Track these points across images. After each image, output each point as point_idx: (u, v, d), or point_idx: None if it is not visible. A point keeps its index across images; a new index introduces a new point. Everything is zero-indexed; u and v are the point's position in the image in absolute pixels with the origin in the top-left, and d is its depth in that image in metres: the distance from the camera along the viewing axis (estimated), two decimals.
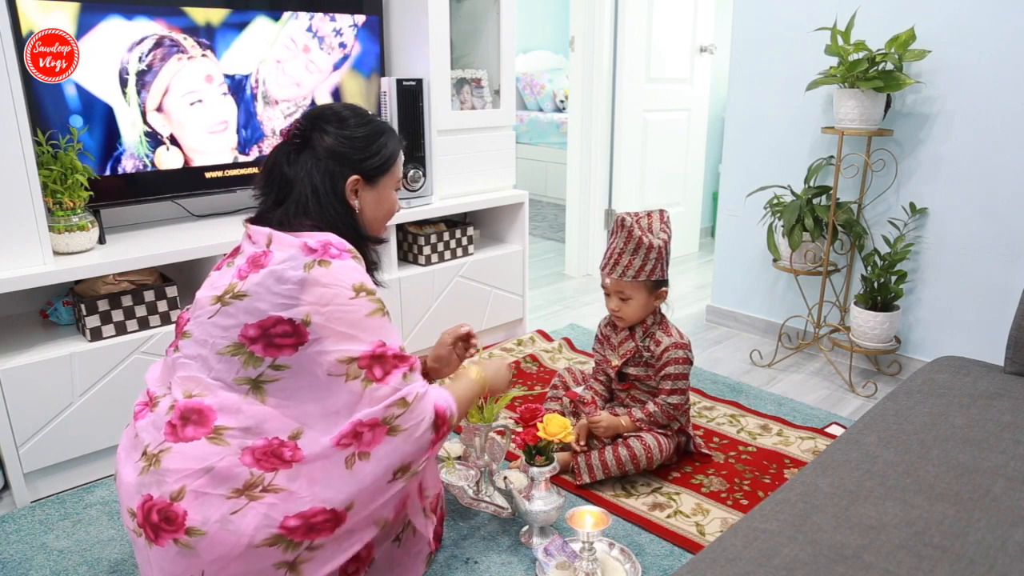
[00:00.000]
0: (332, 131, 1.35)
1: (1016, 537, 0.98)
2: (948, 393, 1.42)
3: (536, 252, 4.16)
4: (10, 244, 1.67)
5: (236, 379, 1.23)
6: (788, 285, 2.73)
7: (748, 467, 1.88)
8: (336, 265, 1.25)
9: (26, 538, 1.61)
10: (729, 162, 2.84)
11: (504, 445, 1.70)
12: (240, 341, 1.23)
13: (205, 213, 2.30)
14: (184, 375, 1.26)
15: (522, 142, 5.59)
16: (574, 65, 3.47)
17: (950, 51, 2.20)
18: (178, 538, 1.15)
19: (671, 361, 1.81)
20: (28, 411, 1.69)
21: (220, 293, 1.26)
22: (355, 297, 1.25)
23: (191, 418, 1.21)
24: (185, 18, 1.99)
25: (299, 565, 1.20)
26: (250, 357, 1.22)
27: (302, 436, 1.21)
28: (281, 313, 1.21)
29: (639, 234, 1.76)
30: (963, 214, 2.27)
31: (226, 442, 1.19)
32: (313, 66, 2.28)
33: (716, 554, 0.98)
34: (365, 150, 1.37)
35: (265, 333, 1.22)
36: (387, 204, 1.45)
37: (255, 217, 1.37)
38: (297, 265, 1.23)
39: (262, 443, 1.19)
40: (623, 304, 1.82)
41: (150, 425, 1.25)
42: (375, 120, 1.41)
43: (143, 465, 1.20)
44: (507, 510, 1.68)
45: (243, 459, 1.18)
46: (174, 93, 2.02)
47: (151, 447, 1.21)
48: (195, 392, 1.23)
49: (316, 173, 1.33)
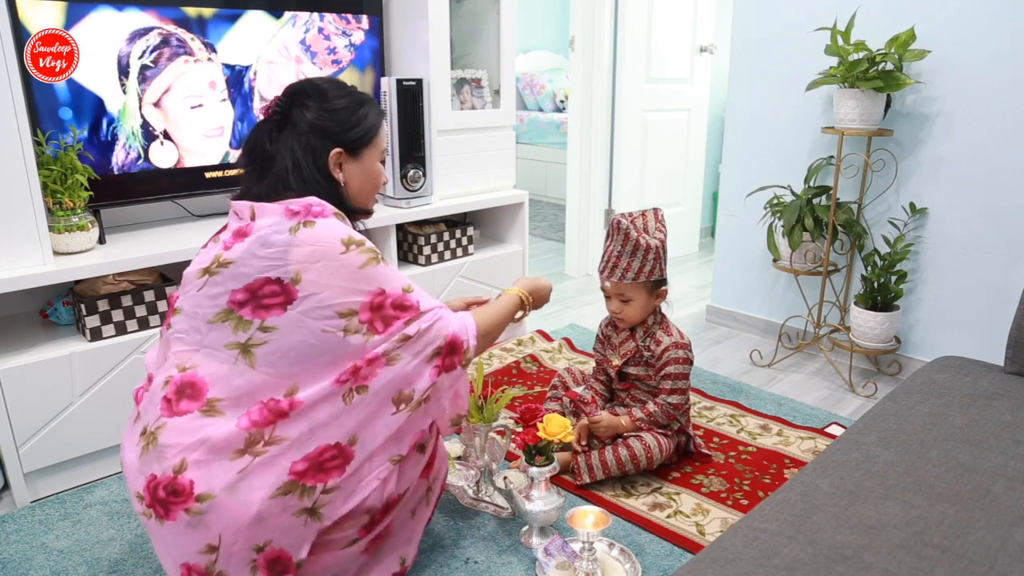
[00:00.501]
0: (312, 105, 1.34)
1: (1016, 537, 0.98)
2: (948, 393, 1.42)
3: (536, 252, 4.16)
4: (10, 244, 1.67)
5: (226, 344, 1.23)
6: (788, 285, 2.73)
7: (748, 467, 1.88)
8: (321, 223, 1.25)
9: (26, 538, 1.61)
10: (729, 162, 2.84)
11: (504, 445, 1.70)
12: (228, 307, 1.23)
13: (205, 213, 2.29)
14: (178, 349, 1.27)
15: (522, 142, 5.59)
16: (574, 65, 3.47)
17: (950, 51, 2.20)
18: (189, 507, 1.15)
19: (671, 361, 1.81)
20: (28, 411, 1.69)
21: (206, 266, 1.27)
22: (346, 251, 1.24)
23: (185, 392, 1.21)
24: (176, 10, 1.99)
25: (318, 509, 1.21)
26: (239, 321, 1.23)
27: (298, 391, 1.21)
28: (268, 275, 1.21)
29: (636, 236, 1.76)
30: (963, 214, 2.27)
31: (220, 412, 1.19)
32: (311, 67, 2.28)
33: (716, 554, 0.98)
34: (346, 122, 1.36)
35: (253, 295, 1.22)
36: (372, 176, 1.43)
37: (239, 194, 1.36)
38: (282, 228, 1.23)
39: (257, 406, 1.20)
40: (624, 306, 1.82)
41: (147, 403, 1.25)
42: (355, 91, 1.40)
43: (142, 445, 1.21)
44: (507, 510, 1.68)
45: (239, 424, 1.18)
46: (176, 94, 2.02)
47: (149, 425, 1.22)
48: (188, 364, 1.24)
49: (297, 148, 1.32)
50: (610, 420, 1.81)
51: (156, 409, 1.22)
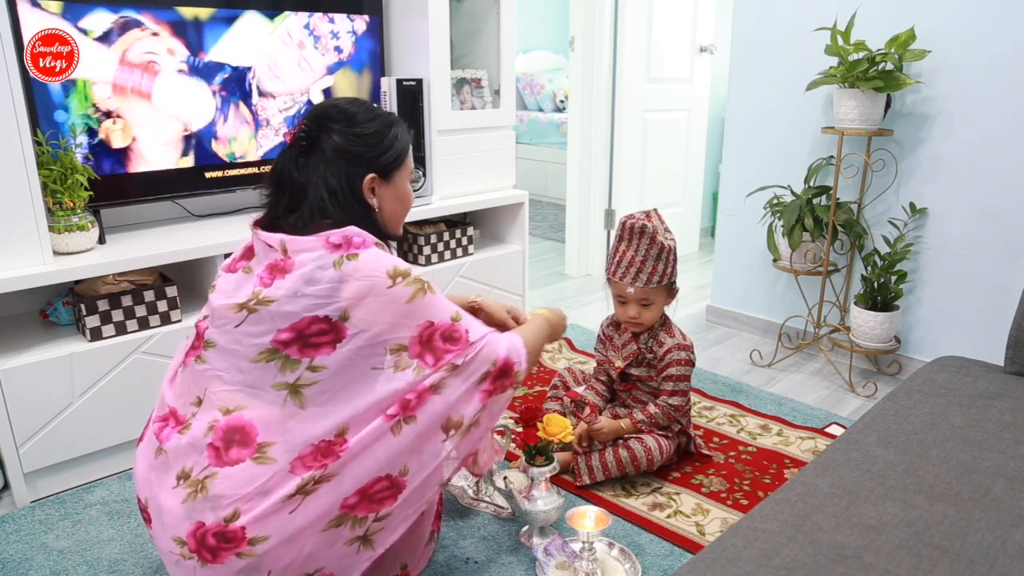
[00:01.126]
0: (340, 129, 1.29)
1: (1016, 537, 0.98)
2: (948, 393, 1.42)
3: (536, 252, 4.16)
4: (10, 244, 1.67)
5: (274, 385, 1.18)
6: (788, 285, 2.73)
7: (748, 467, 1.88)
8: (364, 256, 1.21)
9: (26, 538, 1.61)
10: (729, 162, 2.84)
11: (504, 445, 1.70)
12: (273, 347, 1.19)
13: (205, 213, 2.29)
14: (219, 389, 1.22)
15: (522, 142, 5.59)
16: (574, 65, 3.47)
17: (950, 51, 2.19)
18: (241, 551, 1.13)
19: (673, 363, 1.80)
20: (28, 411, 1.69)
21: (244, 300, 1.22)
22: (392, 285, 1.21)
23: (234, 438, 1.17)
24: (173, 12, 1.99)
25: (371, 536, 1.20)
26: (286, 361, 1.19)
27: (348, 431, 1.19)
28: (315, 313, 1.18)
29: (661, 239, 1.75)
30: (963, 214, 2.26)
31: (272, 459, 1.15)
32: (307, 64, 2.28)
33: (716, 554, 0.98)
34: (378, 146, 1.32)
35: (300, 335, 1.18)
36: (404, 198, 1.41)
37: (265, 223, 1.32)
38: (326, 264, 1.19)
39: (309, 450, 1.16)
40: (644, 311, 1.80)
41: (188, 448, 1.19)
42: (382, 112, 1.36)
43: (187, 491, 1.16)
44: (507, 510, 1.68)
45: (293, 471, 1.15)
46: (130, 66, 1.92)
47: (195, 472, 1.17)
48: (232, 407, 1.19)
49: (330, 176, 1.28)
50: (611, 427, 1.80)
51: (203, 457, 1.17)
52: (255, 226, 1.31)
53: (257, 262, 1.28)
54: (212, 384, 1.23)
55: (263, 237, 1.26)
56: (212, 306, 1.28)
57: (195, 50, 2.04)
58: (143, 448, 1.29)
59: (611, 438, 1.81)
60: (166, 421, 1.27)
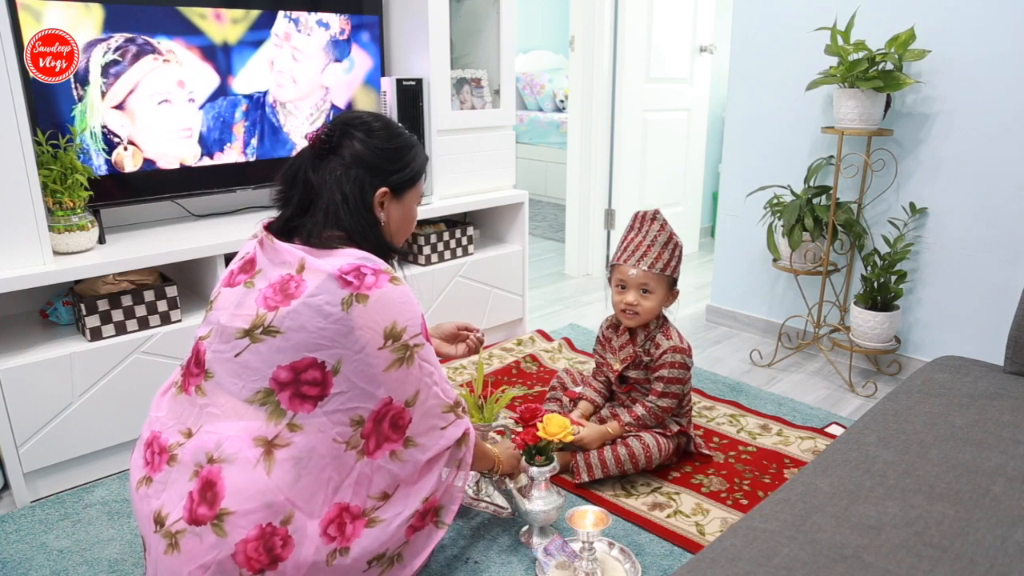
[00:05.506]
0: (362, 139, 1.31)
1: (1016, 537, 0.98)
2: (948, 393, 1.42)
3: (536, 252, 4.16)
4: (10, 244, 1.67)
5: (255, 439, 1.18)
6: (788, 285, 2.73)
7: (748, 467, 1.88)
8: (373, 299, 1.20)
9: (26, 538, 1.61)
10: (729, 162, 2.84)
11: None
12: (270, 387, 1.19)
13: (205, 213, 2.30)
14: (212, 429, 1.21)
15: (522, 142, 5.59)
16: (574, 65, 3.47)
17: (950, 51, 2.20)
18: None
19: (666, 364, 1.80)
20: (28, 411, 1.69)
21: (247, 326, 1.21)
22: (383, 347, 1.21)
23: (205, 496, 1.16)
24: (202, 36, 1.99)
25: None
26: (275, 408, 1.19)
27: (292, 521, 1.17)
28: (315, 355, 1.18)
29: (670, 230, 1.78)
30: (963, 214, 2.27)
31: (224, 532, 1.15)
32: (305, 65, 2.28)
33: (716, 554, 0.98)
34: (396, 162, 1.34)
35: (296, 378, 1.18)
36: (410, 218, 1.43)
37: (279, 226, 1.31)
38: (335, 300, 1.18)
39: (255, 533, 1.15)
40: (643, 298, 1.78)
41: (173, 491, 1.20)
42: (404, 133, 1.39)
43: (165, 544, 1.17)
44: (507, 510, 1.68)
45: (236, 557, 1.14)
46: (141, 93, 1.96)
47: (170, 521, 1.17)
48: (216, 457, 1.18)
49: (345, 181, 1.29)
50: (596, 434, 1.78)
51: (180, 501, 1.18)
52: (267, 230, 1.30)
53: (262, 276, 1.26)
54: (209, 423, 1.22)
55: (280, 248, 1.25)
56: (212, 323, 1.27)
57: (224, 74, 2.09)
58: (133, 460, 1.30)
59: (597, 445, 1.80)
60: (149, 447, 1.27)
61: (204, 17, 2.02)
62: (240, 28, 2.10)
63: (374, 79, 2.44)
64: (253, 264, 1.29)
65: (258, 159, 2.24)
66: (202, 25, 2.03)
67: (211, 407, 1.23)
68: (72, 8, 1.79)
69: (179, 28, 1.98)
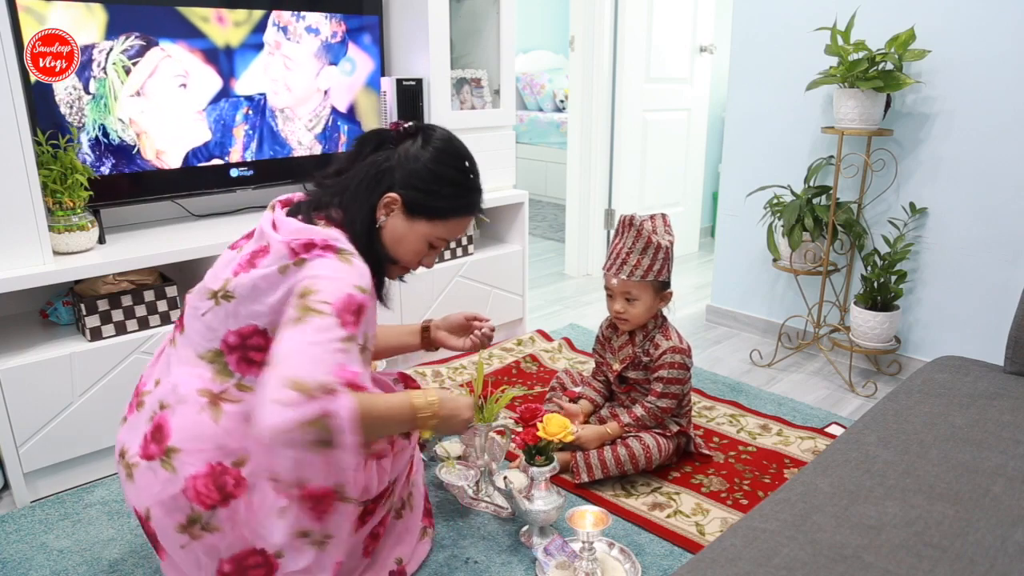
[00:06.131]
0: (422, 146, 1.30)
1: (1016, 537, 0.98)
2: (948, 393, 1.42)
3: (536, 252, 4.16)
4: (10, 244, 1.67)
5: (199, 390, 1.21)
6: (788, 285, 2.73)
7: (748, 467, 1.88)
8: (308, 265, 1.16)
9: (26, 538, 1.61)
10: (729, 162, 2.84)
11: (504, 445, 1.70)
12: (220, 348, 1.22)
13: (205, 213, 2.30)
14: (170, 380, 1.25)
15: (522, 142, 5.59)
16: (574, 65, 3.47)
17: (950, 51, 2.20)
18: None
19: (665, 365, 1.80)
20: (28, 411, 1.69)
21: (216, 288, 1.24)
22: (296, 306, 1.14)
23: (156, 435, 1.21)
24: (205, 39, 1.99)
25: None
26: (223, 368, 1.22)
27: (246, 464, 1.18)
28: (257, 322, 1.20)
29: (648, 232, 1.75)
30: (963, 214, 2.26)
31: (173, 468, 1.18)
32: (304, 66, 2.28)
33: (716, 554, 0.98)
34: (429, 184, 1.28)
35: (243, 343, 1.21)
36: (411, 246, 1.32)
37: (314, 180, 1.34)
38: (275, 264, 1.18)
39: (204, 470, 1.17)
40: (629, 306, 1.80)
41: (134, 425, 1.27)
42: (463, 170, 1.32)
43: (125, 473, 1.24)
44: (507, 510, 1.68)
45: (186, 491, 1.17)
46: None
47: (129, 454, 1.24)
48: (167, 403, 1.23)
49: (374, 168, 1.28)
50: (594, 434, 1.79)
51: (136, 442, 1.24)
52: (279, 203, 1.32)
53: (249, 244, 1.29)
54: (171, 372, 1.26)
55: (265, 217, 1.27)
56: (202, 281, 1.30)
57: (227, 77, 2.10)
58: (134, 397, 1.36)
59: (596, 445, 1.80)
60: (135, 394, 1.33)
61: (206, 20, 2.03)
62: (241, 31, 2.10)
63: (375, 81, 2.44)
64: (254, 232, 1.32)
65: (255, 160, 2.24)
66: (204, 28, 2.03)
67: (175, 359, 1.27)
68: (73, 8, 1.79)
69: (181, 31, 1.98)
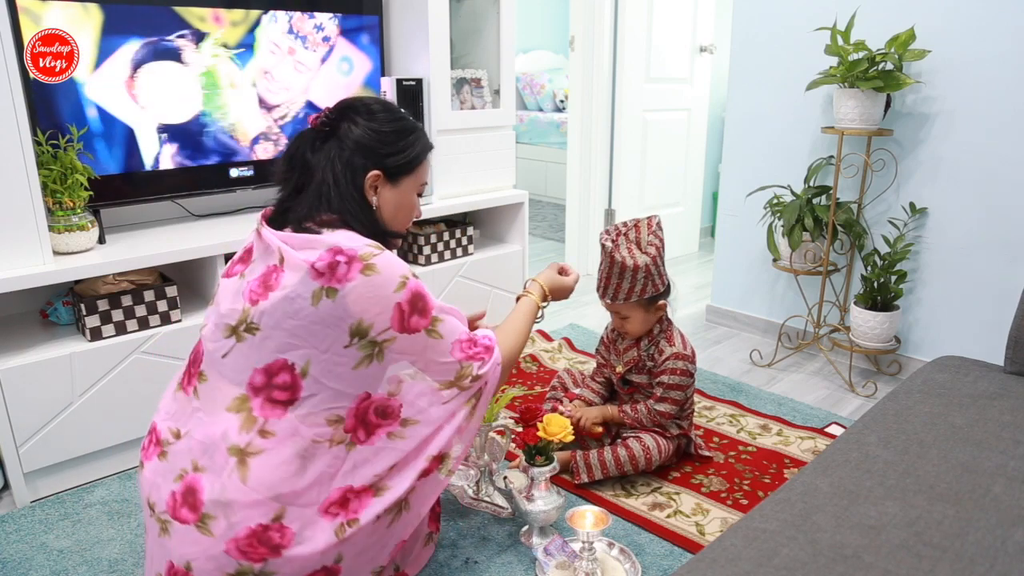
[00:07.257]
0: (361, 122, 1.30)
1: (1016, 537, 0.98)
2: (948, 393, 1.42)
3: (536, 252, 4.16)
4: (10, 244, 1.67)
5: (229, 448, 1.18)
6: (788, 285, 2.73)
7: (748, 467, 1.88)
8: (341, 294, 1.17)
9: (26, 538, 1.61)
10: (729, 162, 2.84)
11: (504, 445, 1.70)
12: (246, 392, 1.20)
13: (205, 213, 2.29)
14: (200, 436, 1.22)
15: (522, 142, 5.59)
16: (574, 65, 3.47)
17: (950, 51, 2.19)
18: None
19: (668, 370, 1.80)
20: (28, 411, 1.69)
21: (234, 323, 1.21)
22: (348, 345, 1.19)
23: (188, 499, 1.18)
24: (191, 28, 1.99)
25: None
26: (248, 417, 1.19)
27: (284, 516, 1.17)
28: (287, 356, 1.18)
29: (621, 258, 1.72)
30: (963, 214, 2.26)
31: (210, 532, 1.16)
32: (303, 67, 2.28)
33: (716, 554, 0.98)
34: (391, 145, 1.32)
35: (268, 383, 1.19)
36: (406, 206, 1.39)
37: (275, 209, 1.32)
38: (305, 294, 1.17)
39: (244, 533, 1.15)
40: (624, 322, 1.83)
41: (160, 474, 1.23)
42: (406, 118, 1.37)
43: (158, 528, 1.21)
44: (507, 510, 1.68)
45: (229, 552, 1.15)
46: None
47: (159, 508, 1.21)
48: (200, 464, 1.20)
49: (338, 163, 1.28)
50: (592, 412, 1.85)
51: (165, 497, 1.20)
52: (263, 219, 1.31)
53: (252, 268, 1.27)
54: (196, 427, 1.23)
55: (267, 237, 1.25)
56: (211, 316, 1.28)
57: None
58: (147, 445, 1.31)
59: (600, 419, 1.85)
60: (151, 434, 1.29)
61: (203, 20, 2.03)
62: (238, 31, 2.10)
63: (374, 81, 2.44)
64: (250, 254, 1.31)
65: (255, 160, 2.24)
66: (201, 27, 2.03)
67: (201, 412, 1.24)
68: (70, 8, 1.79)
69: (179, 30, 1.98)
